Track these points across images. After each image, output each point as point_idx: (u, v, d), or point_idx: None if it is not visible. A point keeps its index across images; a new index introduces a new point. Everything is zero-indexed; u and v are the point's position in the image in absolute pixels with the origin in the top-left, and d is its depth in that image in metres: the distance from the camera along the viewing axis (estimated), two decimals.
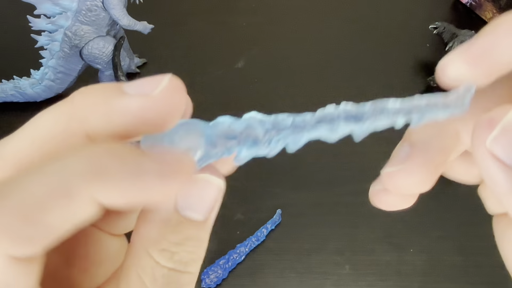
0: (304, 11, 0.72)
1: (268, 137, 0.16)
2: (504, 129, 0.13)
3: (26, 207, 0.11)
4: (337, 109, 0.16)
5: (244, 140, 0.15)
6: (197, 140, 0.13)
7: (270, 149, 0.16)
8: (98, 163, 0.11)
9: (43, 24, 0.50)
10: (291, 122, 0.16)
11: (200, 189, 0.14)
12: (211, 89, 0.59)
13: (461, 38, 0.56)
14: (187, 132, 0.13)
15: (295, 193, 0.49)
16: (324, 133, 0.16)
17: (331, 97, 0.59)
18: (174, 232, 0.13)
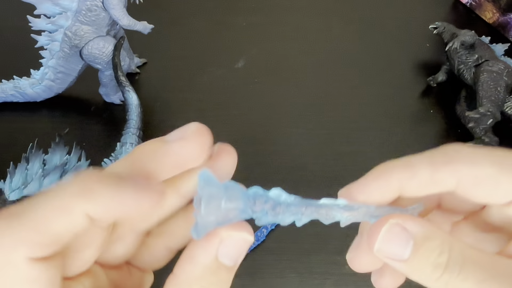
0: (304, 11, 0.72)
1: (285, 211, 0.20)
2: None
3: (37, 222, 0.15)
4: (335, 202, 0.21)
5: (269, 209, 0.19)
6: (238, 203, 0.18)
7: (283, 220, 0.20)
8: (87, 186, 0.16)
9: (43, 24, 0.50)
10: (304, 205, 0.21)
11: (235, 243, 0.18)
12: (211, 89, 0.59)
13: (461, 38, 0.56)
14: (231, 196, 0.18)
15: (295, 193, 0.49)
16: (322, 218, 0.21)
17: (331, 97, 0.59)
18: (212, 274, 0.17)
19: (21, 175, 0.31)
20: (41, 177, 0.31)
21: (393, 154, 0.59)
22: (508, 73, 0.54)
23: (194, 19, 0.69)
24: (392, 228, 0.18)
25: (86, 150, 0.51)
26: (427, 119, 0.58)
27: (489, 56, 0.56)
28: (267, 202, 0.19)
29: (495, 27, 0.71)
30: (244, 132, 0.54)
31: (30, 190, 0.30)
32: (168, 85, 0.59)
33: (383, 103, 0.58)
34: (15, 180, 0.31)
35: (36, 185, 0.30)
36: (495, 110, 0.51)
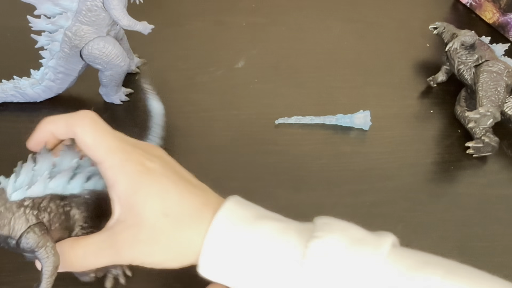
0: (304, 11, 0.72)
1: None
2: None
3: None
4: None
5: None
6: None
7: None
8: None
9: (43, 24, 0.50)
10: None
11: None
12: (211, 89, 0.59)
13: (461, 38, 0.56)
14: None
15: (295, 193, 0.49)
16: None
17: (331, 97, 0.59)
18: None
19: (26, 175, 0.31)
20: (47, 179, 0.31)
21: (393, 154, 0.59)
22: (508, 73, 0.54)
23: (194, 19, 0.69)
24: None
25: None
26: (427, 119, 0.58)
27: (489, 56, 0.56)
28: None
29: (495, 27, 0.71)
30: (244, 132, 0.54)
31: (34, 191, 0.30)
32: (168, 85, 0.59)
33: (383, 103, 0.58)
34: (19, 180, 0.30)
35: (41, 187, 0.30)
36: (495, 110, 0.51)
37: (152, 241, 0.29)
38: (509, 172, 0.53)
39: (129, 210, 0.29)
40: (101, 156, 0.30)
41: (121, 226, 0.30)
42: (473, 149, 0.53)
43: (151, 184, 0.29)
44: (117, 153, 0.30)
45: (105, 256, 0.30)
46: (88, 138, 0.30)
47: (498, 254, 0.45)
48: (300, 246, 0.28)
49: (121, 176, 0.29)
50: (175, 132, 0.54)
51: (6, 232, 0.29)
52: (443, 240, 0.46)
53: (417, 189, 0.50)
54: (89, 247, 0.30)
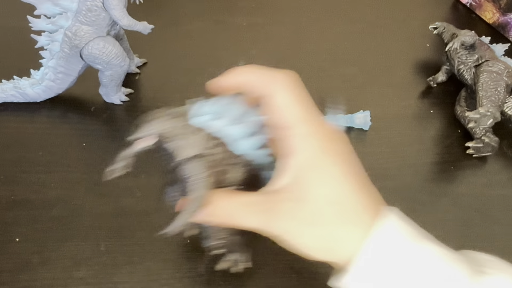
0: (304, 11, 0.72)
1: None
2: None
3: None
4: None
5: None
6: None
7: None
8: None
9: (43, 24, 0.50)
10: None
11: None
12: None
13: (461, 38, 0.56)
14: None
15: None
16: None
17: (331, 97, 0.59)
18: None
19: (212, 108, 0.29)
20: (229, 123, 0.29)
21: (393, 154, 0.59)
22: (508, 73, 0.54)
23: (194, 19, 0.69)
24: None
25: (86, 150, 0.51)
26: (427, 119, 0.58)
27: (489, 56, 0.56)
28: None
29: (495, 27, 0.71)
30: None
31: (213, 126, 0.29)
32: (168, 85, 0.59)
33: (383, 103, 0.58)
34: (204, 109, 0.29)
35: (220, 126, 0.29)
36: (495, 110, 0.51)
37: (309, 223, 0.27)
38: (509, 172, 0.53)
39: (298, 183, 0.27)
40: (290, 121, 0.27)
41: (282, 196, 0.28)
42: (473, 149, 0.53)
43: (330, 166, 0.27)
44: (308, 123, 0.28)
45: (256, 219, 0.28)
46: (285, 99, 0.28)
47: (498, 254, 0.45)
48: (469, 278, 0.27)
49: (304, 148, 0.27)
50: None
51: (174, 149, 0.29)
52: (443, 240, 0.46)
53: (417, 189, 0.50)
54: (244, 203, 0.29)
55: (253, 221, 0.28)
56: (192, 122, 0.29)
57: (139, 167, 0.50)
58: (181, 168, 0.28)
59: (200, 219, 0.29)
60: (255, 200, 0.29)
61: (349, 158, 0.28)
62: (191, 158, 0.28)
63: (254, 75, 0.29)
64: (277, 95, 0.28)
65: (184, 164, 0.28)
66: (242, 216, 0.29)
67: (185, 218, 0.28)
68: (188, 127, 0.29)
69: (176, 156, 0.28)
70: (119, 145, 0.50)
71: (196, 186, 0.28)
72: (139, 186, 0.48)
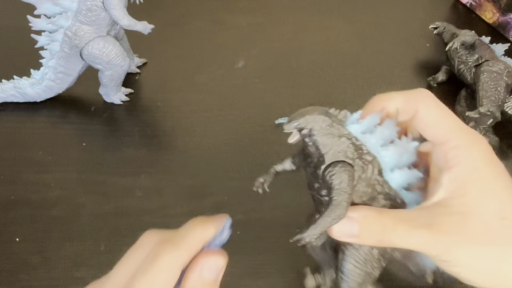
0: (304, 11, 0.72)
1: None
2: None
3: (188, 249, 0.25)
4: None
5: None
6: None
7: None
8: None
9: (43, 24, 0.50)
10: None
11: (212, 265, 0.26)
12: (211, 89, 0.59)
13: (461, 38, 0.56)
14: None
15: (296, 193, 0.48)
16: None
17: (331, 97, 0.59)
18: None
19: (367, 123, 0.27)
20: (382, 142, 0.27)
21: None
22: (508, 73, 0.54)
23: (194, 19, 0.69)
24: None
25: (86, 150, 0.51)
26: None
27: (489, 56, 0.56)
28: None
29: (495, 27, 0.71)
30: (244, 132, 0.54)
31: (366, 138, 0.27)
32: (168, 85, 0.59)
33: None
34: (361, 122, 0.28)
35: (373, 143, 0.27)
36: (495, 110, 0.51)
37: (475, 239, 0.25)
38: (509, 172, 0.53)
39: (460, 196, 0.25)
40: (445, 135, 0.27)
41: (443, 210, 0.25)
42: None
43: (494, 178, 0.26)
44: (464, 134, 0.27)
45: (415, 235, 0.25)
46: (433, 115, 0.27)
47: None
48: None
49: (467, 159, 0.26)
50: (175, 132, 0.54)
51: (322, 149, 0.27)
52: None
53: None
54: (401, 218, 0.26)
55: (411, 238, 0.25)
56: (348, 128, 0.28)
57: (139, 167, 0.50)
58: (325, 169, 0.27)
59: (341, 234, 0.26)
60: (413, 215, 0.26)
61: (504, 169, 0.27)
62: (339, 162, 0.26)
63: (396, 98, 0.28)
64: (426, 112, 0.27)
65: (330, 167, 0.27)
66: (398, 233, 0.25)
67: (322, 228, 0.26)
68: (340, 130, 0.27)
69: (321, 153, 0.27)
70: (119, 145, 0.50)
71: (338, 196, 0.26)
72: (139, 186, 0.48)
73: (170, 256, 0.24)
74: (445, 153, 0.26)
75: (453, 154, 0.26)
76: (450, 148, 0.26)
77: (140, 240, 0.26)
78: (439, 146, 0.27)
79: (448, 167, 0.26)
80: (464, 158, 0.26)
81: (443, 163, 0.27)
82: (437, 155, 0.27)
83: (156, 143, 0.52)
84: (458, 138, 0.26)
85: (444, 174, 0.26)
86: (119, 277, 0.25)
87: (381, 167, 0.27)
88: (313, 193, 0.29)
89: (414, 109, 0.27)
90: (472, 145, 0.26)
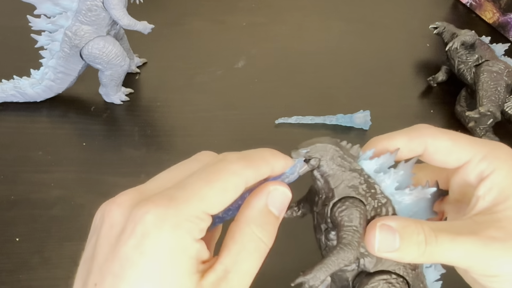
0: (304, 11, 0.72)
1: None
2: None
3: (202, 212, 0.21)
4: None
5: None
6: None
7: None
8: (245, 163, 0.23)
9: (43, 24, 0.50)
10: None
11: (279, 195, 0.24)
12: (211, 89, 0.59)
13: (461, 38, 0.56)
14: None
15: (296, 192, 0.48)
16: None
17: (332, 97, 0.59)
18: (264, 216, 0.23)
19: (381, 161, 0.26)
20: (396, 182, 0.25)
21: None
22: (508, 73, 0.54)
23: (194, 19, 0.69)
24: (381, 229, 0.23)
25: (86, 150, 0.51)
26: (427, 119, 0.58)
27: (489, 56, 0.56)
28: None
29: (495, 27, 0.71)
30: (244, 132, 0.54)
31: (381, 179, 0.26)
32: (168, 85, 0.59)
33: (383, 103, 0.58)
34: (376, 159, 0.26)
35: (389, 183, 0.26)
36: (495, 110, 0.51)
37: None
38: None
39: (504, 201, 0.24)
40: (467, 154, 0.26)
41: (488, 218, 0.24)
42: None
43: None
44: (483, 145, 0.26)
45: (464, 243, 0.23)
46: (446, 143, 0.26)
47: None
48: None
49: (498, 165, 0.25)
50: (175, 132, 0.54)
51: (331, 183, 0.25)
52: None
53: None
54: (443, 229, 0.24)
55: (456, 247, 0.23)
56: (360, 164, 0.26)
57: (139, 167, 0.50)
58: (334, 204, 0.25)
59: (383, 249, 0.24)
60: (455, 224, 0.24)
61: None
62: (350, 198, 0.25)
63: (398, 138, 0.27)
64: (437, 142, 0.26)
65: (340, 203, 0.25)
66: (441, 242, 0.23)
67: (328, 270, 0.23)
68: (352, 164, 0.25)
69: (330, 187, 0.25)
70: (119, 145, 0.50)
71: (348, 235, 0.24)
72: None
73: (239, 170, 0.22)
74: (473, 170, 0.26)
75: (483, 166, 0.25)
76: (477, 162, 0.26)
77: (194, 156, 0.25)
78: (463, 168, 0.26)
79: (482, 179, 0.25)
80: (495, 166, 0.25)
81: (474, 181, 0.26)
82: (462, 177, 0.27)
83: (156, 143, 0.52)
84: (481, 151, 0.26)
85: (479, 187, 0.25)
86: (169, 176, 0.23)
87: (395, 212, 0.25)
88: (320, 236, 0.27)
89: (422, 145, 0.26)
90: (497, 152, 0.26)
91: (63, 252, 0.42)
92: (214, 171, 0.22)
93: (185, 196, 0.20)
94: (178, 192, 0.21)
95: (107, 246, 0.20)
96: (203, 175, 0.22)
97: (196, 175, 0.22)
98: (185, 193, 0.21)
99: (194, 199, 0.20)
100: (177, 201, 0.20)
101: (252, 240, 0.22)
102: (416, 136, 0.27)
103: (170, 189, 0.21)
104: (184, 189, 0.21)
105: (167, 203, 0.20)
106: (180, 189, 0.21)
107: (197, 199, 0.20)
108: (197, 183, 0.21)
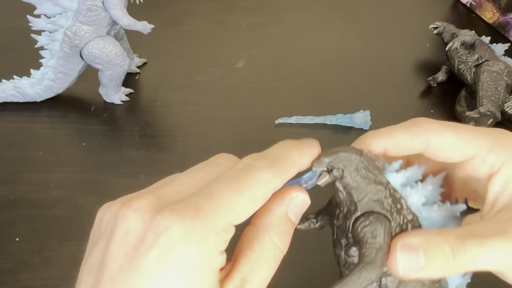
0: (304, 11, 0.72)
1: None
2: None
3: (226, 223, 0.19)
4: None
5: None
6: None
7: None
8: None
9: (43, 24, 0.50)
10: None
11: (299, 202, 0.23)
12: (211, 89, 0.59)
13: (462, 38, 0.56)
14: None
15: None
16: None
17: (331, 97, 0.59)
18: (283, 224, 0.22)
19: (408, 175, 0.24)
20: (424, 196, 0.24)
21: None
22: (508, 73, 0.54)
23: (194, 19, 0.69)
24: (402, 250, 0.22)
25: (86, 150, 0.51)
26: None
27: (489, 56, 0.56)
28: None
29: (495, 27, 0.71)
30: (244, 132, 0.54)
31: (407, 192, 0.24)
32: (168, 85, 0.59)
33: (383, 103, 0.58)
34: (403, 172, 0.24)
35: (416, 197, 0.24)
36: (495, 110, 0.51)
37: None
38: None
39: None
40: (473, 148, 0.24)
41: (510, 214, 0.23)
42: None
43: None
44: (485, 135, 0.25)
45: (494, 245, 0.22)
46: (450, 137, 0.24)
47: None
48: None
49: (509, 156, 0.24)
50: (175, 132, 0.54)
51: (354, 196, 0.23)
52: None
53: None
54: (468, 235, 0.22)
55: (487, 251, 0.22)
56: (386, 177, 0.24)
57: (139, 167, 0.50)
58: (357, 219, 0.23)
59: (408, 271, 0.22)
60: (480, 226, 0.23)
61: None
62: (374, 213, 0.23)
63: (399, 133, 0.25)
64: (440, 138, 0.25)
65: (363, 217, 0.23)
66: (469, 249, 0.22)
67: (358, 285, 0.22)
68: (378, 177, 0.23)
69: (353, 200, 0.24)
70: (119, 145, 0.50)
71: (371, 252, 0.22)
72: (139, 186, 0.48)
73: (269, 179, 0.21)
74: (482, 164, 0.24)
75: (492, 159, 0.24)
76: (485, 155, 0.24)
77: (213, 159, 0.23)
78: (469, 162, 0.25)
79: (493, 173, 0.24)
80: (505, 157, 0.24)
81: (483, 175, 0.25)
82: (468, 171, 0.25)
83: (156, 143, 0.52)
84: (487, 142, 0.24)
85: (492, 182, 0.24)
86: (189, 181, 0.22)
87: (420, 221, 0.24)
88: (340, 252, 0.25)
89: (424, 142, 0.25)
90: (503, 141, 0.24)
91: (63, 252, 0.42)
92: (243, 178, 0.20)
93: (212, 206, 0.19)
94: (205, 202, 0.19)
95: (122, 254, 0.19)
96: (231, 182, 0.20)
97: (222, 182, 0.20)
98: (212, 203, 0.19)
99: (221, 210, 0.19)
100: (205, 212, 0.19)
101: (271, 249, 0.21)
102: (418, 133, 0.25)
103: (194, 197, 0.20)
104: (211, 199, 0.19)
105: (194, 215, 0.19)
106: (206, 198, 0.20)
107: (225, 210, 0.19)
108: (225, 191, 0.20)
